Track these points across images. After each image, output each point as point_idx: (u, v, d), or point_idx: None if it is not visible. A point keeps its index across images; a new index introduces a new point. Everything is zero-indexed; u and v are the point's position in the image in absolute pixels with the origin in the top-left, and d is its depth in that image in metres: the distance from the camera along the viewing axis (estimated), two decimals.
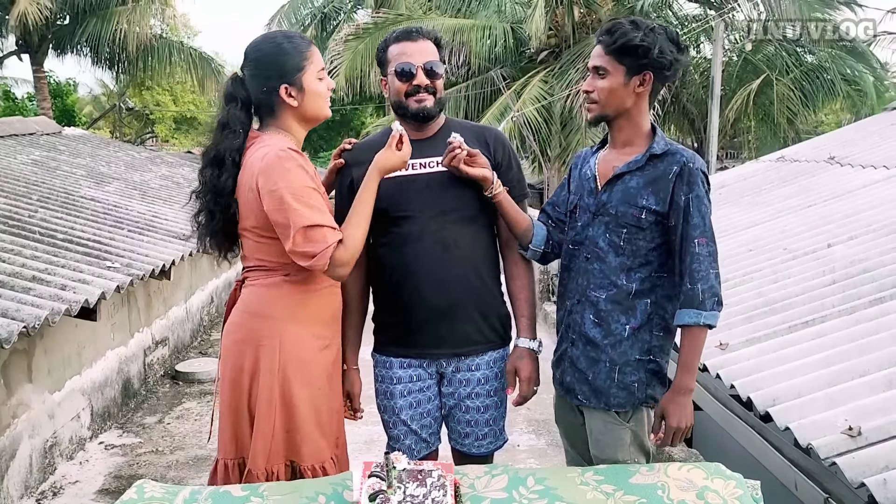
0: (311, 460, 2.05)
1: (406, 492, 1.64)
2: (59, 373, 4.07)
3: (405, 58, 2.13)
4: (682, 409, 1.93)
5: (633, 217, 1.97)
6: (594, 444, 2.10)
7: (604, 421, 2.06)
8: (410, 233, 2.15)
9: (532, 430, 4.37)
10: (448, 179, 2.16)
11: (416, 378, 2.22)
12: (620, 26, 1.94)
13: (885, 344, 2.59)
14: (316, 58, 2.04)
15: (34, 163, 6.90)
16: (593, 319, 2.04)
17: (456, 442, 2.29)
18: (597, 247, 2.03)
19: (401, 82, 2.13)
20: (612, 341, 2.02)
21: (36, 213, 4.89)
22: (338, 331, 2.17)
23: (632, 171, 2.00)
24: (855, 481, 1.95)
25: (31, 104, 22.44)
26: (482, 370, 2.22)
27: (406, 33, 2.17)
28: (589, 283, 2.05)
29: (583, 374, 2.07)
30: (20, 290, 3.38)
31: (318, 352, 2.06)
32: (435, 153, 2.17)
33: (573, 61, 11.46)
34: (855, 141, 6.24)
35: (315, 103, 2.05)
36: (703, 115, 11.90)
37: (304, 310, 2.03)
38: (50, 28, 15.27)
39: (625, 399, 2.04)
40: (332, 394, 2.14)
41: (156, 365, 5.56)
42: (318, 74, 2.03)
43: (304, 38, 2.07)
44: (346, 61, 12.81)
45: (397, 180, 2.15)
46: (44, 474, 3.83)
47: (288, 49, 2.01)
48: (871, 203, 4.21)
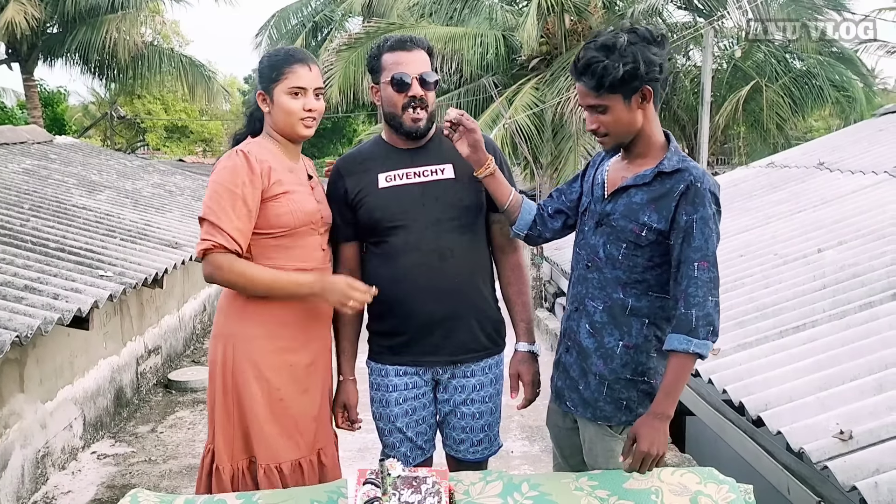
0: (265, 460, 2.09)
1: (401, 499, 1.64)
2: (51, 382, 4.05)
3: (400, 68, 2.10)
4: (655, 433, 1.80)
5: (633, 233, 1.89)
6: (587, 452, 2.07)
7: (596, 430, 2.02)
8: (407, 242, 2.14)
9: (526, 437, 4.37)
10: (443, 188, 2.15)
11: (411, 385, 2.22)
12: (595, 60, 1.79)
13: (875, 348, 2.61)
14: (294, 75, 2.06)
15: (25, 171, 6.87)
16: (588, 329, 1.99)
17: (451, 448, 2.29)
18: (597, 256, 1.97)
19: (396, 92, 2.11)
20: (604, 354, 1.95)
21: (28, 222, 4.86)
22: (314, 337, 2.16)
23: (638, 185, 1.90)
24: (847, 485, 1.97)
25: (21, 113, 22.35)
26: (477, 376, 2.22)
27: (400, 43, 2.14)
28: (587, 291, 2.00)
29: (574, 382, 2.03)
30: (12, 300, 3.37)
31: (275, 353, 2.08)
32: (427, 162, 2.17)
33: (564, 69, 11.50)
34: (844, 147, 6.29)
35: (280, 117, 2.10)
36: (693, 122, 11.97)
37: (255, 308, 2.07)
38: (39, 36, 15.23)
39: (611, 413, 1.97)
40: (307, 399, 2.15)
41: (148, 374, 5.53)
42: (288, 90, 2.06)
43: (294, 56, 2.10)
44: (338, 71, 12.82)
45: (392, 190, 2.14)
46: (36, 484, 3.81)
47: (272, 61, 2.10)
48: (861, 208, 4.25)
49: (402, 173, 2.16)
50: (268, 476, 2.08)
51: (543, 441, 4.27)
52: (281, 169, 2.09)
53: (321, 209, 2.16)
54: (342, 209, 2.20)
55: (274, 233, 2.07)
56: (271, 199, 2.05)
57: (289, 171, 2.12)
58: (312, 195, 2.16)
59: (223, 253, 1.99)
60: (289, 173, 2.11)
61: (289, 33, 20.59)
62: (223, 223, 1.99)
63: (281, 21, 20.66)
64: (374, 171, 2.18)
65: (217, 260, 2.00)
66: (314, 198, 2.16)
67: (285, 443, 2.10)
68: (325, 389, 2.25)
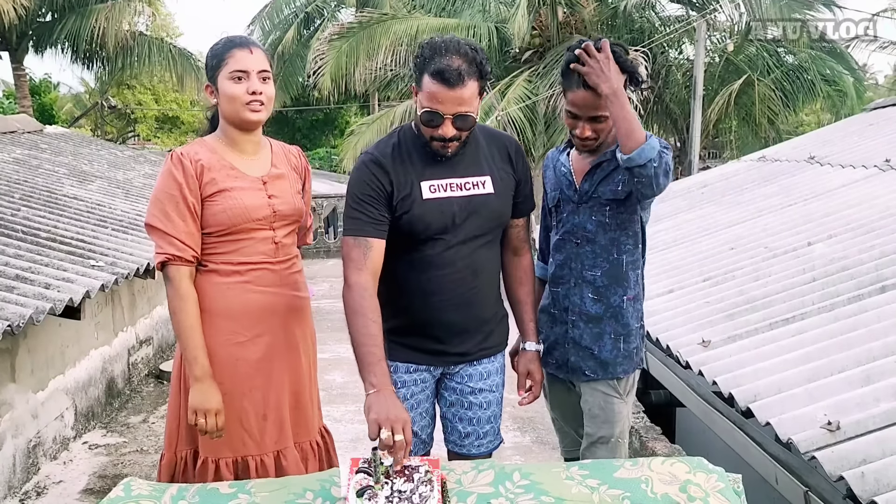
0: (204, 453, 2.10)
1: (393, 487, 1.65)
2: (42, 372, 4.04)
3: (435, 104, 1.92)
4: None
5: (612, 192, 2.14)
6: (591, 420, 2.25)
7: (604, 396, 2.23)
8: (443, 257, 2.07)
9: (517, 428, 4.40)
10: (482, 203, 2.07)
11: (419, 381, 2.19)
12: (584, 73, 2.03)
13: (863, 340, 2.63)
14: (233, 59, 2.02)
15: (16, 161, 6.82)
16: (592, 297, 2.20)
17: (454, 444, 2.24)
18: (585, 230, 2.19)
19: (425, 125, 1.98)
20: (613, 314, 2.20)
21: (18, 212, 4.84)
22: (264, 331, 2.11)
23: (608, 158, 2.16)
24: (834, 475, 1.99)
25: (8, 102, 22.15)
26: (483, 365, 2.22)
27: (444, 78, 1.87)
28: (583, 264, 2.21)
29: (588, 350, 2.22)
30: (4, 289, 3.36)
31: (222, 346, 2.07)
32: (468, 171, 2.08)
33: (557, 61, 11.50)
34: (834, 141, 6.33)
35: (225, 105, 2.06)
36: (685, 115, 12.01)
37: (202, 299, 2.06)
38: (30, 25, 15.10)
39: (628, 366, 2.23)
40: (257, 395, 2.11)
41: (140, 364, 5.53)
42: (230, 75, 2.02)
43: (232, 41, 2.06)
44: (330, 61, 12.74)
45: (435, 203, 2.04)
46: (27, 474, 3.81)
47: (213, 51, 2.08)
48: (850, 202, 4.27)
49: (444, 184, 2.05)
50: (204, 468, 2.09)
51: (535, 432, 4.30)
52: (218, 167, 2.06)
53: (275, 203, 2.10)
54: (378, 206, 2.02)
55: (214, 231, 2.05)
56: (207, 199, 2.04)
57: (229, 168, 2.07)
58: (263, 190, 2.09)
59: (177, 265, 2.01)
60: (229, 170, 2.07)
61: (281, 24, 20.48)
62: (170, 229, 1.99)
63: (273, 11, 20.54)
64: (416, 176, 2.05)
65: (170, 272, 2.02)
66: (264, 192, 2.09)
67: (227, 438, 2.08)
68: (287, 389, 2.17)
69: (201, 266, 2.08)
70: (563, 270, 2.25)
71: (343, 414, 4.24)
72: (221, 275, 2.07)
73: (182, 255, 2.00)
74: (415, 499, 1.62)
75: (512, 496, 1.71)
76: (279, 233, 2.13)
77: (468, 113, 1.94)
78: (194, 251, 2.02)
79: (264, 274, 2.11)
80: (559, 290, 2.26)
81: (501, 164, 2.14)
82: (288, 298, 2.16)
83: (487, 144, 2.14)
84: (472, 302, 2.13)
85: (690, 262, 4.16)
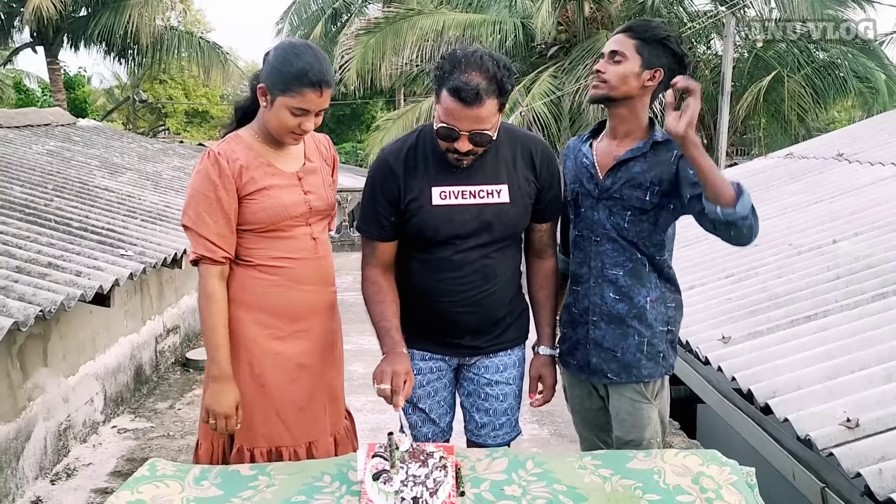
0: (240, 441, 2.14)
1: (408, 472, 1.68)
2: (73, 358, 4.15)
3: (452, 120, 1.89)
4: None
5: (639, 199, 2.04)
6: (619, 424, 2.16)
7: (631, 401, 2.13)
8: (453, 261, 2.06)
9: (536, 420, 4.41)
10: (497, 212, 2.05)
11: (435, 369, 2.21)
12: (653, 23, 2.04)
13: (886, 338, 2.61)
14: (303, 99, 1.94)
15: (49, 153, 6.98)
16: (614, 296, 2.11)
17: (472, 433, 2.27)
18: (604, 228, 2.10)
19: (440, 139, 1.96)
20: (637, 314, 2.10)
21: (51, 202, 4.97)
22: (303, 328, 2.14)
23: (635, 157, 2.05)
24: (851, 471, 1.99)
25: (43, 95, 22.59)
26: (500, 357, 2.22)
27: (462, 97, 1.84)
28: (604, 263, 2.11)
29: (610, 351, 2.13)
30: (36, 276, 3.46)
31: (263, 339, 2.09)
32: (484, 180, 2.04)
33: (583, 57, 11.44)
34: (863, 138, 6.23)
35: (273, 123, 2.01)
36: (713, 112, 11.85)
37: (243, 294, 2.09)
38: (65, 21, 15.41)
39: (653, 370, 2.12)
40: (294, 389, 2.14)
41: (167, 352, 5.63)
42: (292, 108, 1.96)
43: (310, 77, 1.93)
44: (357, 56, 12.83)
45: (445, 209, 2.03)
46: (58, 456, 3.92)
47: (285, 71, 1.95)
48: (878, 200, 4.22)
49: (457, 191, 2.02)
50: (239, 455, 2.12)
51: (553, 425, 4.32)
52: (256, 165, 2.05)
53: (310, 199, 2.11)
54: (386, 209, 2.06)
55: (254, 228, 2.06)
56: (246, 198, 2.03)
57: (266, 166, 2.06)
58: (299, 186, 2.10)
59: (208, 265, 2.03)
60: (266, 167, 2.06)
61: (309, 20, 20.65)
62: (202, 230, 2.01)
63: (301, 7, 20.73)
64: (428, 181, 2.04)
65: (200, 270, 2.06)
66: (300, 188, 2.10)
67: (264, 429, 2.12)
68: (325, 382, 2.22)
69: (244, 260, 2.09)
70: (583, 269, 2.17)
71: (364, 404, 4.28)
72: (264, 272, 2.09)
73: (212, 256, 2.02)
74: (429, 483, 1.65)
75: (525, 483, 1.74)
76: (315, 228, 2.15)
77: (485, 131, 1.92)
78: (225, 252, 2.04)
79: (305, 270, 2.13)
80: (579, 289, 2.19)
81: (523, 170, 2.08)
82: (326, 294, 2.18)
83: (511, 148, 2.08)
84: (485, 304, 2.12)
85: (713, 258, 4.14)
